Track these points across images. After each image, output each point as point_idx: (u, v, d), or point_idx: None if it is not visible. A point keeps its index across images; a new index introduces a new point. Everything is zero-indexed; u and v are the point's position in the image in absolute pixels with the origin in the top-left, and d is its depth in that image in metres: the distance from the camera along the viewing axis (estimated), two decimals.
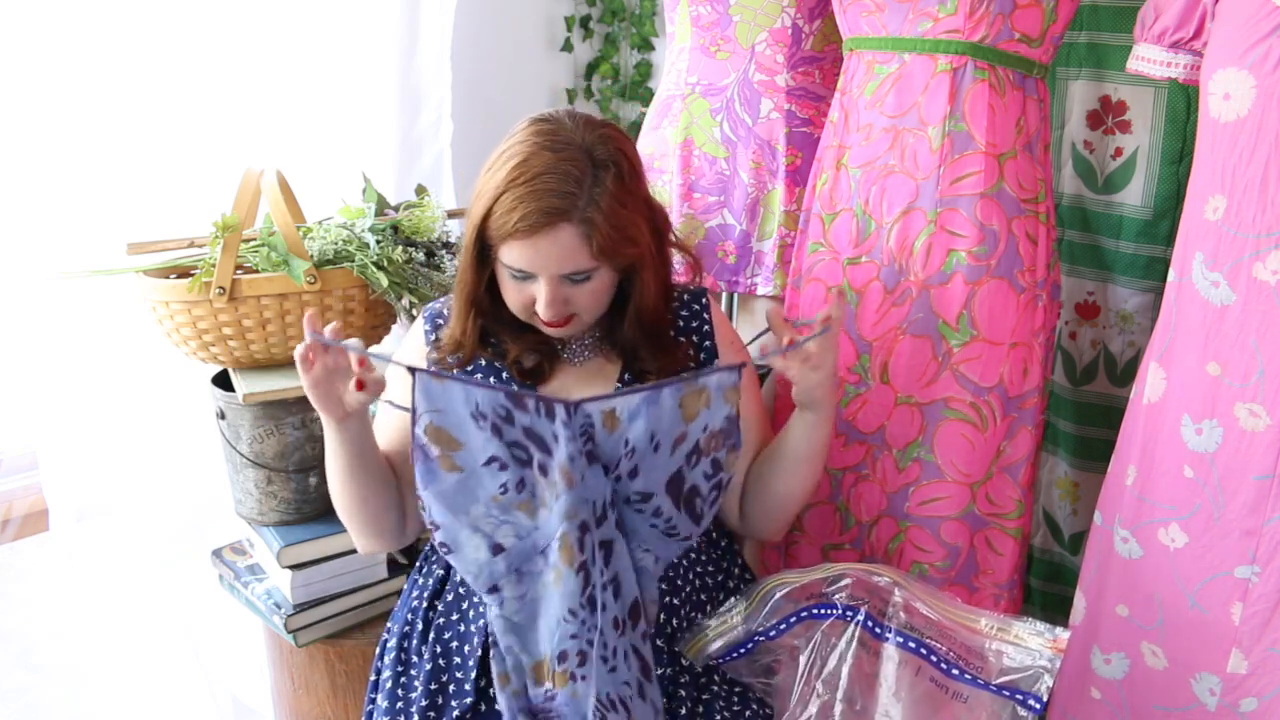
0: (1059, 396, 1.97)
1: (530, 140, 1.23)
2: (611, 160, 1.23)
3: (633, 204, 1.26)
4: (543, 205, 1.20)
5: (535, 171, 1.20)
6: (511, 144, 1.24)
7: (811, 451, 1.36)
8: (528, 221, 1.20)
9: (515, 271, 1.25)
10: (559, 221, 1.20)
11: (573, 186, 1.20)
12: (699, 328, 1.41)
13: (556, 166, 1.21)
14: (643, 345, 1.35)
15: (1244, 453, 1.28)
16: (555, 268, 1.23)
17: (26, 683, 1.85)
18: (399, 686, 1.33)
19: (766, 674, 1.27)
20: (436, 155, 2.25)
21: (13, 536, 1.79)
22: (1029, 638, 1.19)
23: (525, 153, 1.22)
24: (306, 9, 1.98)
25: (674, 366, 1.35)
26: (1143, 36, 1.39)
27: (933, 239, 1.49)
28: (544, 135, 1.23)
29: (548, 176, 1.20)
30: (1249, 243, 1.25)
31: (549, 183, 1.20)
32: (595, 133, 1.24)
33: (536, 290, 1.25)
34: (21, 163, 1.68)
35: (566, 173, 1.21)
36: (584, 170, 1.21)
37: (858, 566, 1.28)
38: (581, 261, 1.23)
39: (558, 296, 1.25)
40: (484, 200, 1.23)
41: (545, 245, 1.21)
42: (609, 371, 1.37)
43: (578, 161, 1.21)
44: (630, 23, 2.64)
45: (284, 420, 1.57)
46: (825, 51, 1.76)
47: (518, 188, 1.20)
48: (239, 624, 1.90)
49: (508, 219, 1.20)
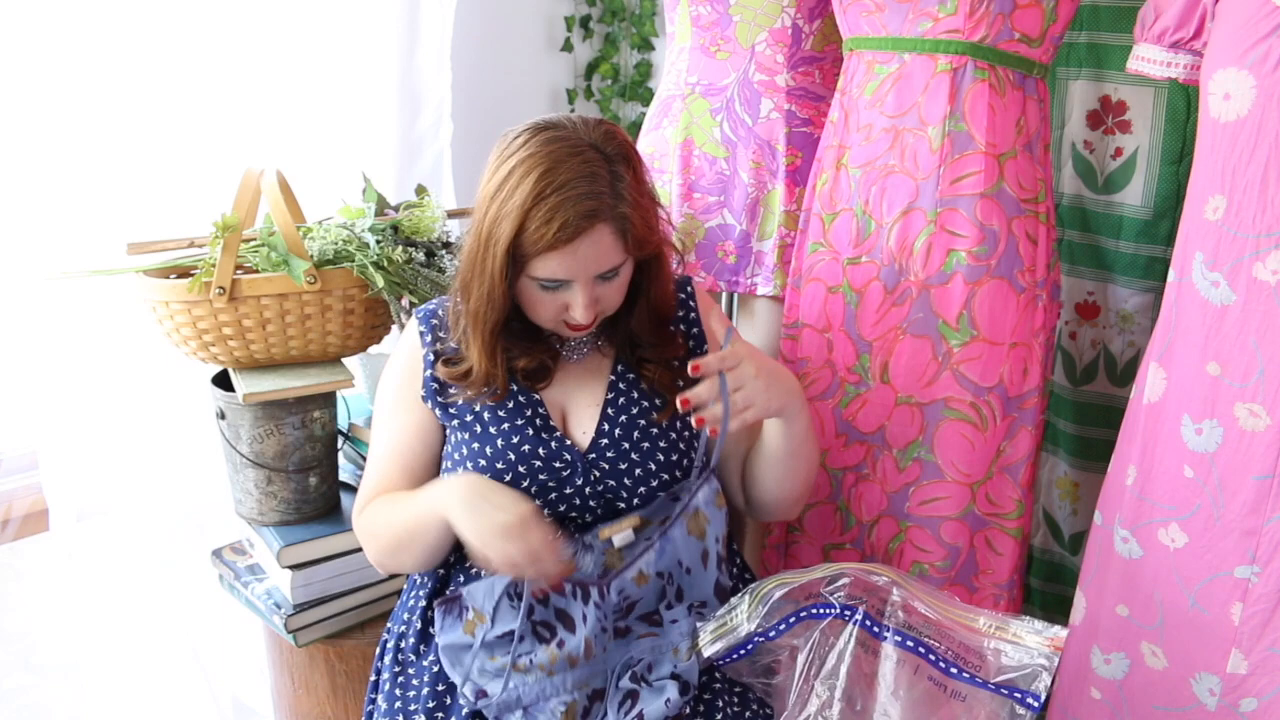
0: (1059, 396, 1.97)
1: (543, 150, 1.21)
2: (622, 154, 1.24)
3: (647, 193, 1.27)
4: (580, 210, 1.19)
5: (562, 180, 1.19)
6: (523, 157, 1.21)
7: (793, 447, 1.35)
8: (568, 230, 1.18)
9: (548, 283, 1.23)
10: (596, 224, 1.20)
11: (602, 186, 1.20)
12: (685, 315, 1.41)
13: (581, 170, 1.20)
14: (650, 334, 1.36)
15: (1244, 453, 1.28)
16: (593, 270, 1.23)
17: (26, 683, 1.85)
18: (398, 687, 1.33)
19: (766, 674, 1.27)
20: (436, 155, 2.25)
21: (13, 536, 1.79)
22: (1027, 636, 1.18)
23: (545, 163, 1.20)
24: (306, 9, 1.98)
25: (671, 355, 1.36)
26: (1143, 36, 1.39)
27: (933, 239, 1.49)
28: (555, 142, 1.21)
29: (576, 182, 1.19)
30: (1249, 243, 1.24)
31: (579, 187, 1.19)
32: (599, 130, 1.24)
33: (570, 297, 1.25)
34: (21, 163, 1.68)
35: (592, 174, 1.20)
36: (604, 169, 1.21)
37: (856, 566, 1.28)
38: (615, 258, 1.24)
39: (592, 298, 1.25)
40: (512, 219, 1.20)
41: (585, 249, 1.21)
42: (603, 365, 1.38)
43: (597, 161, 1.21)
44: (630, 23, 2.64)
45: (284, 420, 1.57)
46: (825, 51, 1.76)
47: (549, 199, 1.18)
48: (239, 624, 1.90)
49: (545, 231, 1.18)
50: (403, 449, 1.37)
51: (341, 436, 1.69)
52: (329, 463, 1.65)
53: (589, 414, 1.35)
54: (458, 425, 1.34)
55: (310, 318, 1.56)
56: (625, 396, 1.35)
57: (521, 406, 1.33)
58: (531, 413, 1.33)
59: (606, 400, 1.35)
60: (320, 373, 1.60)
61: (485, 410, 1.33)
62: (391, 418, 1.38)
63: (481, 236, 1.24)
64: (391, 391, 1.39)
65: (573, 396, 1.36)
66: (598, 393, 1.36)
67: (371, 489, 1.37)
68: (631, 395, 1.36)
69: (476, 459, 1.31)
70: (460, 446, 1.33)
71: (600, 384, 1.36)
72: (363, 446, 1.75)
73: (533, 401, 1.34)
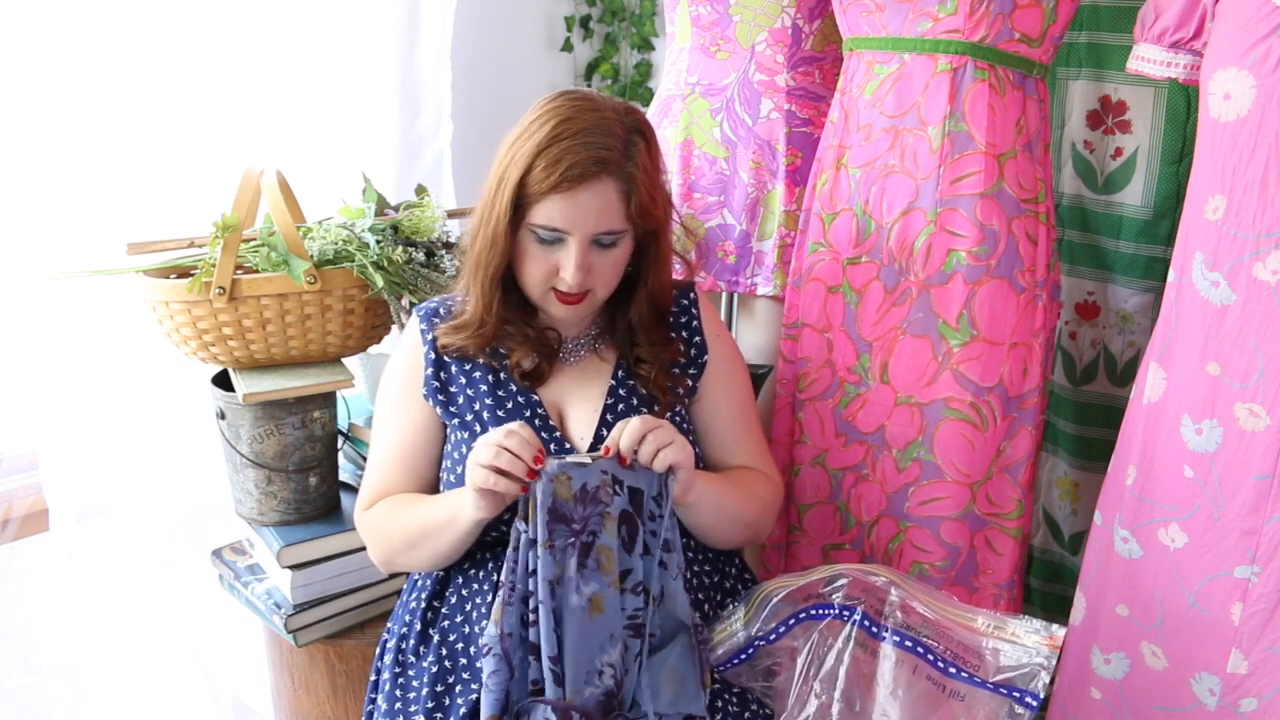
0: (1059, 396, 1.97)
1: (567, 104, 1.25)
2: (640, 129, 1.28)
3: (657, 173, 1.30)
4: (591, 155, 1.22)
5: (580, 126, 1.23)
6: (546, 109, 1.26)
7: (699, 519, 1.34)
8: (575, 171, 1.21)
9: (546, 232, 1.25)
10: (603, 174, 1.23)
11: (617, 142, 1.24)
12: (688, 323, 1.42)
13: (600, 123, 1.24)
14: (648, 330, 1.36)
15: (1244, 453, 1.28)
16: (592, 224, 1.24)
17: (26, 683, 1.85)
18: (398, 687, 1.33)
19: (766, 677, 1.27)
20: (436, 155, 2.25)
21: (13, 536, 1.79)
22: (1025, 635, 1.19)
23: (566, 113, 1.24)
24: (306, 9, 1.98)
25: (669, 358, 1.37)
26: (1143, 36, 1.39)
27: (933, 239, 1.49)
28: (580, 98, 1.26)
29: (593, 131, 1.23)
30: (1249, 243, 1.24)
31: (594, 136, 1.23)
32: (623, 104, 1.29)
33: (563, 256, 1.26)
34: (21, 163, 1.68)
35: (610, 130, 1.24)
36: (621, 129, 1.25)
37: (855, 567, 1.28)
38: (615, 221, 1.26)
39: (585, 261, 1.26)
40: (523, 159, 1.23)
41: (586, 198, 1.23)
42: (603, 369, 1.38)
43: (615, 122, 1.25)
44: (630, 23, 2.64)
45: (284, 420, 1.57)
46: (825, 51, 1.76)
47: (563, 141, 1.22)
48: (239, 624, 1.90)
49: (553, 170, 1.21)
50: (406, 446, 1.37)
51: (341, 436, 1.69)
52: (329, 463, 1.65)
53: (587, 418, 1.35)
54: (458, 424, 1.34)
55: (310, 318, 1.56)
56: (624, 402, 1.35)
57: (520, 407, 1.33)
58: (530, 414, 1.33)
59: (606, 405, 1.35)
60: (320, 373, 1.60)
61: (485, 410, 1.33)
62: (393, 416, 1.38)
63: (493, 180, 1.27)
64: (393, 390, 1.39)
65: (571, 398, 1.36)
66: (597, 397, 1.36)
67: (375, 486, 1.38)
68: (631, 401, 1.36)
69: None
70: (460, 446, 1.33)
71: (599, 388, 1.36)
72: (363, 446, 1.75)
73: (531, 402, 1.34)
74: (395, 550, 1.34)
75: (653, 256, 1.34)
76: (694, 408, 1.41)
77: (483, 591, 1.32)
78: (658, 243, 1.33)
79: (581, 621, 1.18)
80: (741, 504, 1.36)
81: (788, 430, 1.68)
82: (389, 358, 1.43)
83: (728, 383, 1.43)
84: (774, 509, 1.45)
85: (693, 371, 1.40)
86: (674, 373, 1.38)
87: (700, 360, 1.41)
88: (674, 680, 1.22)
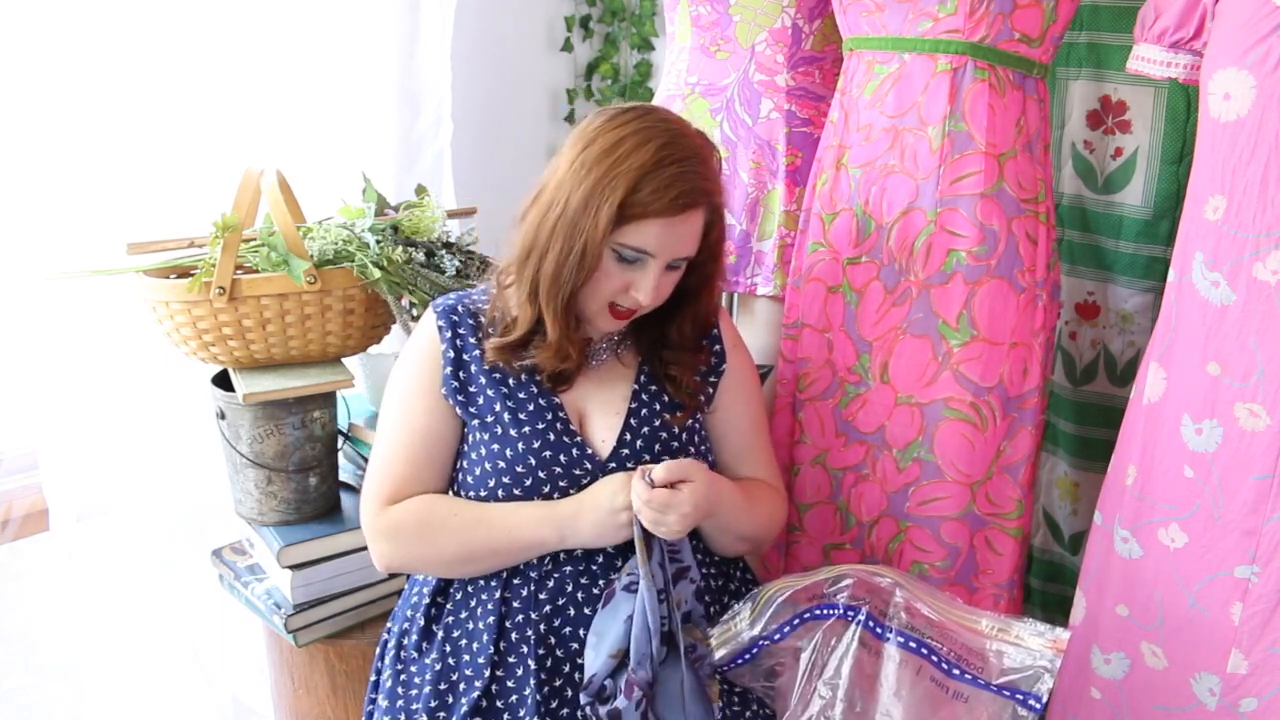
0: (1059, 396, 1.97)
1: (662, 125, 1.23)
2: (718, 158, 1.30)
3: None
4: (696, 186, 1.22)
5: (685, 154, 1.22)
6: (640, 127, 1.22)
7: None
8: (682, 200, 1.21)
9: (633, 253, 1.23)
10: (700, 204, 1.24)
11: (711, 173, 1.26)
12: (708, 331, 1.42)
13: (699, 151, 1.25)
14: (687, 342, 1.37)
15: (1244, 453, 1.28)
16: (675, 250, 1.25)
17: (26, 683, 1.84)
18: (399, 686, 1.33)
19: (769, 677, 1.27)
20: (436, 155, 2.25)
21: (13, 536, 1.79)
22: (1029, 638, 1.19)
23: (667, 136, 1.22)
24: (306, 9, 1.98)
25: (696, 368, 1.38)
26: (1143, 36, 1.39)
27: (933, 239, 1.49)
28: (669, 122, 1.25)
29: (695, 160, 1.23)
30: (1249, 243, 1.25)
31: (696, 165, 1.23)
32: (696, 129, 1.29)
33: (639, 277, 1.25)
34: (21, 163, 1.67)
35: (705, 159, 1.25)
36: (713, 158, 1.27)
37: (859, 567, 1.28)
38: (693, 248, 1.27)
39: (661, 282, 1.27)
40: (627, 178, 1.19)
41: (682, 227, 1.23)
42: (625, 374, 1.37)
43: (707, 149, 1.27)
44: (630, 23, 2.64)
45: (284, 420, 1.57)
46: (825, 51, 1.76)
47: (669, 167, 1.21)
48: (239, 624, 1.90)
49: (662, 195, 1.20)
50: (430, 437, 1.33)
51: (341, 436, 1.69)
52: (329, 463, 1.65)
53: (609, 421, 1.34)
54: (478, 425, 1.33)
55: (310, 318, 1.56)
56: (648, 407, 1.35)
57: (542, 410, 1.32)
58: (552, 416, 1.32)
59: (630, 409, 1.34)
60: (320, 373, 1.59)
61: (506, 411, 1.32)
62: (409, 409, 1.34)
63: (578, 197, 1.22)
64: (407, 384, 1.35)
65: (592, 402, 1.35)
66: (620, 400, 1.35)
67: (392, 479, 1.33)
68: (654, 407, 1.35)
69: (496, 460, 1.30)
70: (478, 446, 1.32)
71: (622, 392, 1.35)
72: (363, 446, 1.75)
73: (553, 405, 1.33)
74: (436, 559, 1.31)
75: (710, 280, 1.35)
76: (709, 417, 1.41)
77: (489, 588, 1.32)
78: (716, 266, 1.34)
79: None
80: (752, 522, 1.38)
81: (788, 430, 1.68)
82: (397, 355, 1.42)
83: (743, 393, 1.43)
84: (779, 525, 1.46)
85: (712, 379, 1.40)
86: (699, 380, 1.38)
87: (719, 369, 1.41)
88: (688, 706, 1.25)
